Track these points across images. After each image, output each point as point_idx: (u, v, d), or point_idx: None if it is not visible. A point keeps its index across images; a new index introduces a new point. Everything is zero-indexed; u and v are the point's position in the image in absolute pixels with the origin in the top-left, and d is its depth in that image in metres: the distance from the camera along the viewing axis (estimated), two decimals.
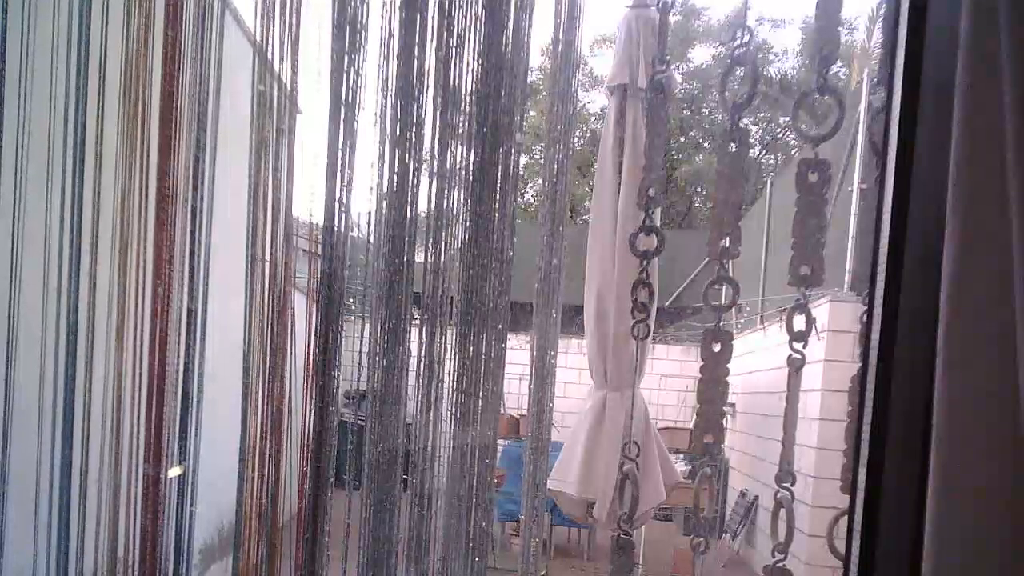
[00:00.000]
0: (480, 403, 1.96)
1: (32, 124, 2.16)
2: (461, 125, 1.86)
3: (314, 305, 1.72)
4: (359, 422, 1.99)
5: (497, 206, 1.91)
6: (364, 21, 1.70)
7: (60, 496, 2.10)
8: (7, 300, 2.19)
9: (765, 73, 16.22)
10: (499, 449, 5.13)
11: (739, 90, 1.12)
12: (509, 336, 2.06)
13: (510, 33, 1.89)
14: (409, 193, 1.75)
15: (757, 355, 7.76)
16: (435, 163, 1.82)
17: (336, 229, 1.69)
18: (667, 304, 11.07)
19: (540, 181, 3.95)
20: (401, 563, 1.85)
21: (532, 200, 15.38)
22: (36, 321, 2.13)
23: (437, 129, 1.81)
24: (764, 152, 17.47)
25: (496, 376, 2.00)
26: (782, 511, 1.05)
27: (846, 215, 5.77)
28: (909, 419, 0.81)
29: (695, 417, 1.12)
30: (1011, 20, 0.70)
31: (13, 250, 2.17)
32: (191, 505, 1.98)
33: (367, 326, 1.77)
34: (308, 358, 1.76)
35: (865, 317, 0.88)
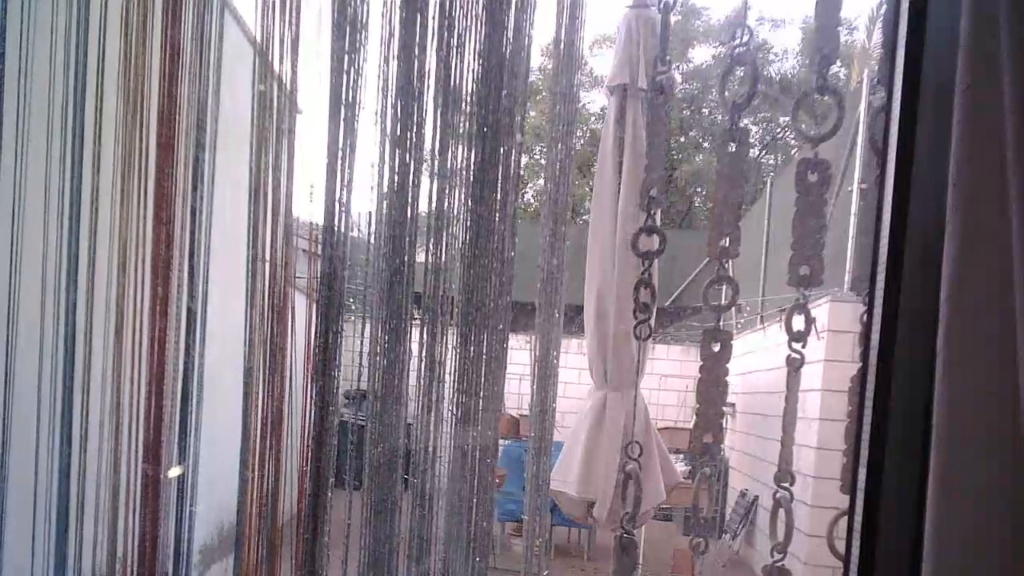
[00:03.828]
0: (481, 403, 1.96)
1: (31, 124, 2.16)
2: (461, 125, 1.86)
3: (314, 305, 1.72)
4: (359, 422, 1.99)
5: (498, 206, 1.91)
6: (364, 21, 1.70)
7: (59, 496, 2.10)
8: (6, 300, 2.18)
9: (765, 73, 16.20)
10: (500, 449, 5.13)
11: (739, 90, 1.12)
12: (510, 336, 2.06)
13: (510, 33, 1.88)
14: (409, 193, 1.75)
15: (757, 355, 7.76)
16: (435, 163, 1.82)
17: (336, 229, 1.69)
18: (667, 304, 11.07)
19: (541, 181, 3.94)
20: (402, 563, 1.85)
21: (532, 200, 15.38)
22: (35, 321, 2.13)
23: (437, 129, 1.81)
24: (764, 152, 17.45)
25: (497, 376, 1.99)
26: (781, 511, 1.06)
27: (846, 215, 5.76)
28: (909, 419, 0.81)
29: (695, 417, 1.12)
30: (1011, 20, 0.70)
31: (12, 250, 2.17)
32: (191, 505, 1.98)
33: (367, 326, 1.77)
34: (308, 358, 1.76)
35: (865, 317, 0.88)
